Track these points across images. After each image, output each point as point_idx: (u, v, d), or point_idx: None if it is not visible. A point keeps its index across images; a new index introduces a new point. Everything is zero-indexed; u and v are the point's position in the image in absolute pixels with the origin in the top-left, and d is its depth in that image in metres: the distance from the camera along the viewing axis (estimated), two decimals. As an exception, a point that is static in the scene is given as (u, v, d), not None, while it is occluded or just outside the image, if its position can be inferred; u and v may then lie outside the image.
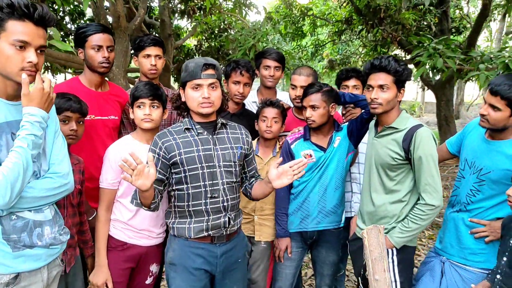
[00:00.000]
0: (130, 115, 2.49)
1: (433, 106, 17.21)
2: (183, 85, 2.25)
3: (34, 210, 1.79)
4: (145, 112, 2.38)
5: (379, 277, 1.68)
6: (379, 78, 2.35)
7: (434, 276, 2.50)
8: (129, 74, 6.56)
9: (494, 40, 14.12)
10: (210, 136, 2.26)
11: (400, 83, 2.38)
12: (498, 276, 2.06)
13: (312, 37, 11.52)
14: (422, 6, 8.08)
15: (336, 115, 2.83)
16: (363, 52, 10.78)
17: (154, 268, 2.54)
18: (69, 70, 7.79)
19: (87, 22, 8.14)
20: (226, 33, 8.24)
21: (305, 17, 10.19)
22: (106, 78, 2.96)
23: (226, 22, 7.19)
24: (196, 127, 2.25)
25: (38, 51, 1.71)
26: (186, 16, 7.21)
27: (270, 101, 2.84)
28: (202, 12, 6.89)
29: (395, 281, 2.41)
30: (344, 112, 3.03)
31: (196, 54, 9.51)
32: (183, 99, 2.28)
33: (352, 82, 3.02)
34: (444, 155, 2.66)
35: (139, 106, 2.40)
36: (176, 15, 7.81)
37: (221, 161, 2.23)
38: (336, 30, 9.61)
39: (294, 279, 2.86)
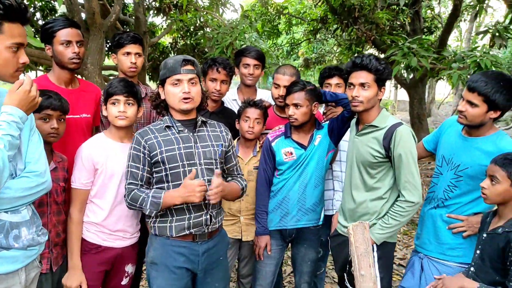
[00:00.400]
0: (103, 112, 2.43)
1: (405, 105, 17.56)
2: (162, 83, 2.24)
3: (10, 211, 1.75)
4: (119, 109, 2.33)
5: (365, 272, 1.70)
6: (360, 77, 2.38)
7: (414, 273, 2.55)
8: (104, 72, 6.44)
9: (464, 39, 14.51)
10: (191, 134, 2.25)
11: (380, 82, 2.42)
12: (472, 269, 2.13)
13: (287, 35, 11.58)
14: (395, 6, 8.22)
15: (317, 114, 2.85)
16: (338, 51, 10.90)
17: (129, 268, 2.50)
18: (41, 68, 7.58)
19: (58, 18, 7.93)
20: (202, 31, 8.19)
21: (281, 16, 10.23)
22: (78, 76, 2.89)
23: (202, 20, 7.12)
24: (176, 125, 2.24)
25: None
26: (161, 13, 7.11)
27: (253, 102, 2.84)
28: (177, 10, 6.82)
29: (376, 276, 2.45)
30: (325, 111, 3.06)
31: (172, 52, 9.41)
32: (162, 97, 2.27)
33: (334, 80, 3.05)
34: (421, 152, 2.70)
35: (113, 103, 2.34)
36: (151, 12, 7.70)
37: (202, 159, 2.23)
38: (312, 29, 9.69)
39: (274, 277, 2.87)
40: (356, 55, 2.60)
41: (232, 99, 3.29)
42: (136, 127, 2.78)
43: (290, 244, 2.95)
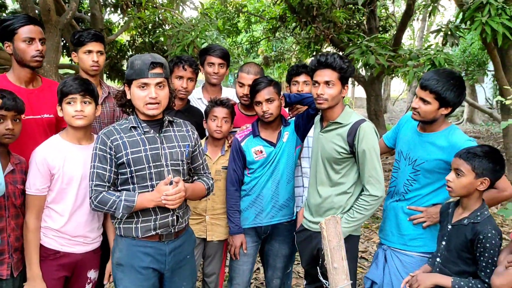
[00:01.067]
0: (58, 113, 2.30)
1: (362, 101, 18.02)
2: (128, 83, 2.17)
3: None
4: (76, 109, 2.22)
5: (338, 265, 1.75)
6: (325, 75, 2.43)
7: (378, 264, 2.64)
8: (59, 71, 6.23)
9: (417, 38, 15.05)
10: (157, 134, 2.22)
11: (344, 80, 2.48)
12: (437, 259, 2.22)
13: (247, 33, 11.61)
14: (351, 5, 8.42)
15: (282, 111, 2.89)
16: (296, 49, 11.03)
17: (92, 274, 2.42)
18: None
19: (9, 15, 7.64)
20: (161, 29, 8.08)
21: (240, 14, 10.24)
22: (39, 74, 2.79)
23: (161, 18, 7.04)
24: (142, 125, 2.20)
25: None
26: (119, 10, 6.96)
27: (220, 101, 2.83)
28: (136, 7, 6.70)
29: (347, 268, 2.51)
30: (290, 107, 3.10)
31: (129, 50, 9.24)
32: (128, 97, 2.20)
33: (302, 78, 3.09)
34: (382, 149, 2.77)
35: (69, 103, 2.22)
36: (108, 9, 7.53)
37: (168, 160, 2.21)
38: (271, 27, 9.75)
39: (251, 274, 2.90)
40: (320, 53, 2.64)
41: (197, 98, 3.28)
42: (99, 127, 2.72)
43: (263, 242, 2.96)
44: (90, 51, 2.78)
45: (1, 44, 2.60)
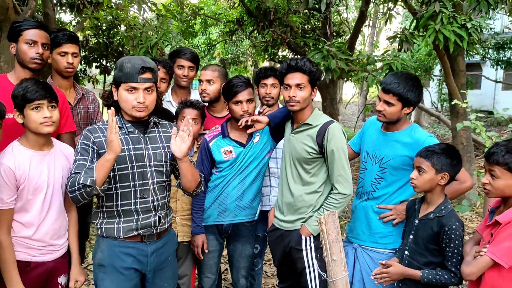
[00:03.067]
0: (18, 119, 2.16)
1: (317, 104, 18.40)
2: (116, 84, 2.16)
3: None
4: (45, 115, 2.12)
5: (336, 257, 1.84)
6: (296, 78, 2.52)
7: (347, 261, 2.73)
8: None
9: (367, 43, 15.61)
10: (142, 135, 2.22)
11: (313, 82, 2.57)
12: (406, 252, 2.34)
13: (203, 36, 11.59)
14: (306, 11, 8.61)
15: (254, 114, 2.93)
16: (253, 52, 11.13)
17: (62, 279, 2.36)
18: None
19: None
20: (115, 29, 7.91)
21: (197, 16, 10.21)
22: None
23: (118, 18, 6.91)
24: (126, 125, 2.19)
25: None
26: (75, 10, 6.76)
27: (190, 102, 2.85)
28: (93, 7, 6.53)
29: (313, 266, 2.59)
30: (261, 110, 3.16)
31: (83, 50, 8.97)
32: (115, 98, 2.19)
33: (270, 81, 3.15)
34: (349, 155, 2.80)
35: (35, 108, 2.11)
36: (63, 8, 7.29)
37: (152, 160, 2.21)
38: (228, 30, 9.79)
39: (218, 266, 2.95)
40: (290, 58, 2.75)
41: (167, 101, 3.27)
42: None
43: (226, 242, 3.01)
44: (65, 53, 2.77)
45: None
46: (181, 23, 8.99)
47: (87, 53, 8.77)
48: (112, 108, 1.93)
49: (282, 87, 2.65)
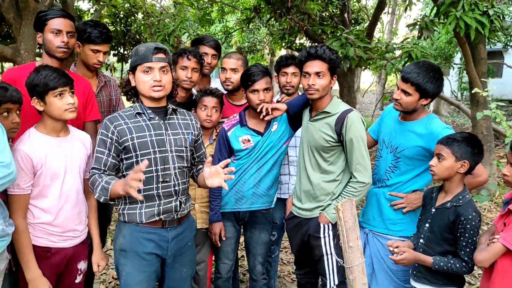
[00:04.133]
0: (36, 106, 2.19)
1: (335, 93, 18.25)
2: (132, 70, 2.21)
3: None
4: (68, 102, 2.18)
5: (353, 244, 1.85)
6: (315, 66, 2.50)
7: None
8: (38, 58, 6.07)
9: (386, 31, 15.38)
10: (162, 121, 2.25)
11: (333, 70, 2.56)
12: (421, 241, 2.34)
13: (220, 24, 11.56)
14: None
15: (272, 103, 2.94)
16: (270, 40, 11.07)
17: (82, 265, 2.42)
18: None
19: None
20: (134, 17, 7.95)
21: (213, 4, 10.19)
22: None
23: (136, 6, 6.94)
24: (147, 112, 2.23)
25: None
26: (92, -2, 6.82)
27: (209, 90, 2.87)
28: (110, -6, 6.59)
29: (331, 253, 2.61)
30: (279, 99, 3.16)
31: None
32: (133, 84, 2.24)
33: (291, 69, 3.14)
34: (368, 142, 2.83)
35: (58, 96, 2.15)
36: (81, -4, 7.36)
37: (172, 146, 2.24)
38: (245, 17, 9.74)
39: (235, 253, 2.99)
40: (310, 46, 2.73)
41: None
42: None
43: (242, 229, 3.04)
44: (97, 51, 2.83)
45: None
46: (198, 11, 8.98)
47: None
48: (146, 161, 1.92)
49: (301, 75, 2.65)
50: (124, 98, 2.62)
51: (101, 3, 6.90)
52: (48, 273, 2.21)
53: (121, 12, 7.96)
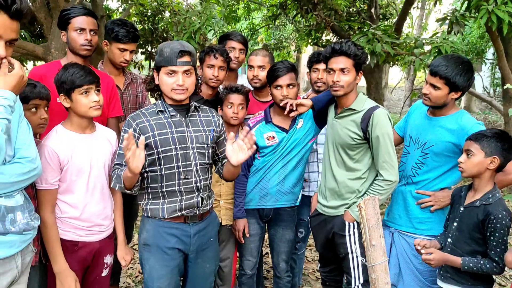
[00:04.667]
0: (63, 103, 2.24)
1: (362, 89, 18.03)
2: (157, 68, 2.23)
3: (4, 196, 1.75)
4: (94, 99, 2.23)
5: (376, 243, 1.83)
6: (340, 62, 2.47)
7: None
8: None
9: (415, 26, 15.05)
10: (183, 118, 2.27)
11: (358, 66, 2.52)
12: (449, 240, 2.29)
13: (246, 21, 11.56)
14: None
15: (298, 98, 2.92)
16: (296, 37, 11.00)
17: (108, 259, 2.46)
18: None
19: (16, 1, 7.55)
20: (160, 16, 8.03)
21: (240, 1, 10.18)
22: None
23: (163, 5, 7.01)
24: (169, 109, 2.25)
25: (8, 44, 1.65)
26: (122, -3, 6.92)
27: (235, 88, 2.88)
28: (138, -7, 6.66)
29: (356, 252, 2.59)
30: (305, 96, 3.14)
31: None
32: (156, 82, 2.26)
33: (323, 66, 3.08)
34: (395, 140, 2.78)
35: (84, 93, 2.20)
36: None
37: (194, 142, 2.26)
38: (271, 14, 9.70)
39: (259, 250, 3.00)
40: (335, 41, 2.70)
41: None
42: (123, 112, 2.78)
43: (267, 226, 3.03)
44: (124, 50, 2.88)
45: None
46: (224, 8, 9.00)
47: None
48: (131, 131, 1.95)
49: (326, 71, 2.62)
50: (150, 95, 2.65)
51: (129, 2, 6.99)
52: (75, 266, 2.27)
53: (149, 11, 8.05)
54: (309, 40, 9.40)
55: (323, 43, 9.40)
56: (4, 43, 1.61)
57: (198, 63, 3.01)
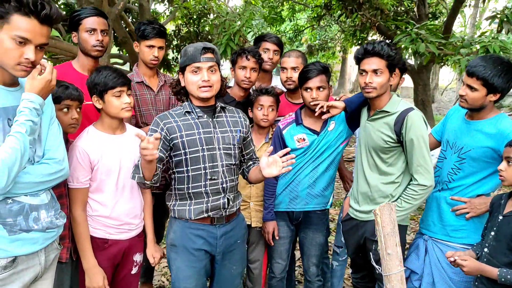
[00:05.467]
0: (96, 104, 2.32)
1: (409, 91, 17.50)
2: (182, 70, 2.26)
3: (30, 194, 1.81)
4: (126, 101, 2.29)
5: (391, 251, 1.76)
6: (373, 63, 2.40)
7: (418, 255, 2.62)
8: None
9: (468, 25, 14.43)
10: (210, 119, 2.29)
11: (392, 67, 2.44)
12: (485, 250, 2.16)
13: (291, 22, 11.52)
14: (400, -8, 8.17)
15: (330, 98, 2.87)
16: (341, 37, 10.85)
17: (138, 257, 2.51)
18: (44, 56, 7.58)
19: (61, 6, 7.93)
20: (205, 18, 8.16)
21: (284, 2, 10.17)
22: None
23: (206, 7, 7.11)
24: (196, 110, 2.27)
25: (38, 48, 1.70)
26: (166, 0, 7.09)
27: (265, 89, 2.87)
28: (182, -4, 6.80)
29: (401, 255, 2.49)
30: (337, 98, 3.08)
31: (175, 39, 9.37)
32: (182, 84, 2.29)
33: None
34: (431, 144, 2.70)
35: (117, 95, 2.28)
36: (155, -1, 7.69)
37: (220, 143, 2.27)
38: (315, 15, 9.63)
39: (289, 253, 2.96)
40: (367, 42, 2.62)
41: None
42: (155, 114, 2.82)
43: (297, 229, 2.99)
44: (152, 46, 2.91)
45: (58, 34, 2.75)
46: (263, 10, 9.01)
47: (179, 42, 9.16)
48: (158, 134, 1.96)
49: (358, 72, 2.56)
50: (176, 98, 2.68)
51: (174, 5, 7.14)
52: (105, 263, 2.33)
53: (194, 14, 8.20)
54: (354, 41, 9.24)
55: (369, 44, 9.20)
56: (34, 48, 1.67)
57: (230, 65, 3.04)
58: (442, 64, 6.84)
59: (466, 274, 2.18)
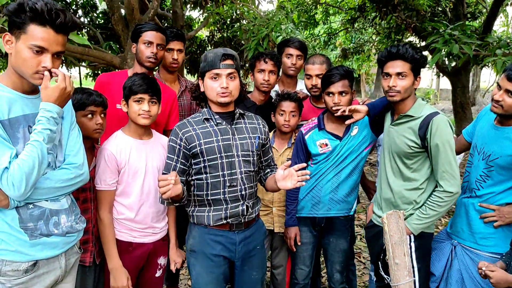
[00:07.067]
0: (122, 107, 2.41)
1: (448, 93, 17.00)
2: (202, 76, 2.27)
3: (50, 199, 1.85)
4: (144, 108, 2.33)
5: (399, 261, 1.71)
6: (397, 66, 2.35)
7: (441, 257, 2.53)
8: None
9: (511, 25, 13.86)
10: (229, 126, 2.28)
11: (416, 71, 2.38)
12: (515, 261, 2.07)
13: (324, 25, 11.43)
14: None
15: (355, 103, 2.82)
16: (376, 39, 10.67)
17: (162, 261, 2.55)
18: (84, 64, 7.86)
19: (100, 15, 8.22)
20: (238, 23, 8.23)
21: (318, 5, 10.11)
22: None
23: (238, 12, 7.16)
24: (215, 117, 2.27)
25: (55, 56, 1.74)
26: (198, 7, 7.20)
27: (287, 94, 2.85)
28: (214, 3, 6.88)
29: (413, 267, 2.42)
30: (361, 102, 3.03)
31: (209, 45, 9.50)
32: (201, 90, 2.30)
33: None
34: (462, 146, 2.62)
35: (137, 101, 2.33)
36: (188, 6, 7.81)
37: (239, 150, 2.26)
38: (349, 18, 9.52)
39: (312, 259, 2.93)
40: (391, 44, 2.56)
41: (274, 90, 3.30)
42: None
43: (320, 235, 2.95)
44: (171, 49, 2.98)
45: (88, 42, 2.86)
46: (299, 14, 8.99)
47: (212, 47, 9.29)
48: (174, 172, 1.96)
49: (381, 75, 2.50)
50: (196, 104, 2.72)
51: (206, 11, 7.24)
52: (130, 265, 2.38)
53: (227, 19, 8.28)
54: (389, 43, 9.05)
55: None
56: (51, 56, 1.72)
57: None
58: (482, 65, 6.62)
59: (493, 286, 2.09)
